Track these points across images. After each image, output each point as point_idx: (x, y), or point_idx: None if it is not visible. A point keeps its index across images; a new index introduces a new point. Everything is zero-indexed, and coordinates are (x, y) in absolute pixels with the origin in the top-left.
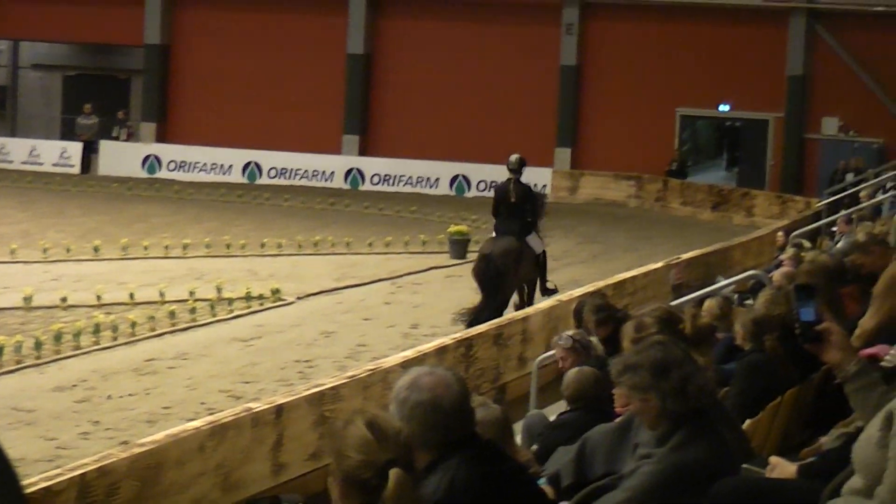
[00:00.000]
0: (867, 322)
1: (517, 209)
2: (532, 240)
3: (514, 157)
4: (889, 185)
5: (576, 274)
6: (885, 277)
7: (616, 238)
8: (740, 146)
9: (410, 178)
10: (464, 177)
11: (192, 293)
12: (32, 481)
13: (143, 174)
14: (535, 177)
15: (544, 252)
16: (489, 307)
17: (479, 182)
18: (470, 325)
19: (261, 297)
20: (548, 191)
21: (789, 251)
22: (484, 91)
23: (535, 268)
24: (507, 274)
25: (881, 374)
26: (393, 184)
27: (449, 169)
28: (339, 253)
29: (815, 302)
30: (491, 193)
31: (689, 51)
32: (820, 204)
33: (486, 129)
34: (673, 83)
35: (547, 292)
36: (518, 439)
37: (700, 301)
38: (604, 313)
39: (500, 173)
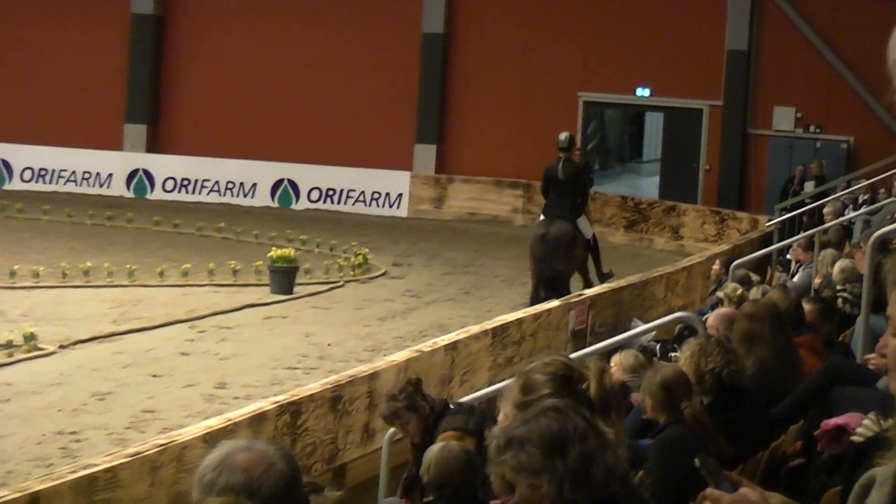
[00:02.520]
0: None
1: (567, 189)
2: (582, 223)
3: (563, 135)
4: (862, 198)
5: (441, 316)
6: None
7: (496, 267)
8: (665, 144)
9: (217, 183)
10: (290, 182)
11: None
12: None
13: None
14: (387, 183)
15: (594, 236)
16: (545, 292)
17: (312, 190)
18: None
19: (9, 344)
20: (404, 202)
21: (729, 286)
22: (319, 68)
23: (586, 253)
24: (562, 256)
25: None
26: (193, 191)
27: (270, 172)
28: (118, 285)
29: None
30: (326, 205)
31: (597, 17)
32: (770, 223)
33: (322, 119)
34: (574, 59)
35: (604, 277)
36: None
37: (610, 353)
38: (396, 404)
39: (340, 177)
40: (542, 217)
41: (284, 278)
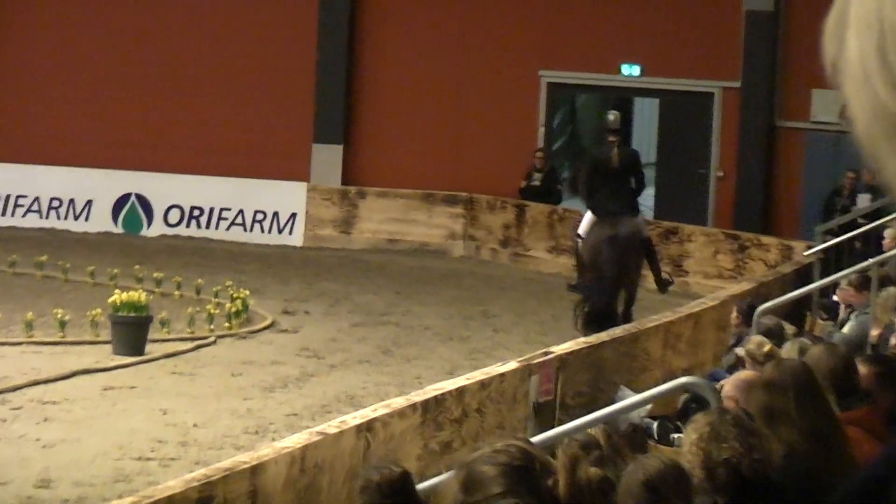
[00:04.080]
0: None
1: (622, 181)
2: (641, 222)
3: (612, 115)
4: None
5: (350, 384)
6: None
7: (427, 315)
8: (661, 142)
9: (38, 200)
10: (139, 198)
11: None
12: None
13: None
14: (274, 199)
15: (650, 237)
16: (624, 308)
17: (170, 209)
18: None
19: None
20: (298, 225)
21: (753, 341)
22: (179, 40)
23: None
24: (635, 258)
25: None
26: (3, 212)
27: (112, 184)
28: None
29: None
30: (190, 230)
31: None
32: (809, 252)
33: (183, 111)
34: (534, 26)
35: (664, 285)
36: None
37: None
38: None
39: (210, 191)
40: (593, 217)
41: (132, 333)
